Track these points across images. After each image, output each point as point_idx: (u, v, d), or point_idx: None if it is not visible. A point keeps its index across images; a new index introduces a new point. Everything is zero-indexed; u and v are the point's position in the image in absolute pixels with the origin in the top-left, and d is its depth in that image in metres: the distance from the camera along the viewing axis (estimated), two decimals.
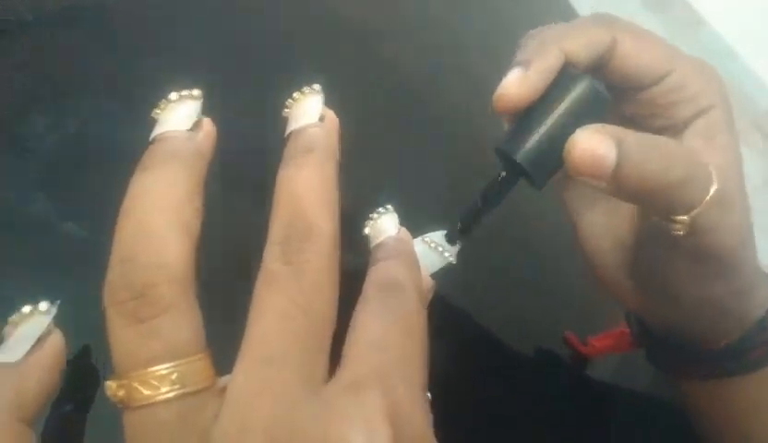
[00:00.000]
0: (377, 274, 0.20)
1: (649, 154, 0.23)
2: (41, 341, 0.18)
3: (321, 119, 0.21)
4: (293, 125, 0.21)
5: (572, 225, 0.31)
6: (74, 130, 0.32)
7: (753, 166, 0.52)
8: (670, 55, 0.27)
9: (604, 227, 0.31)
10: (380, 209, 0.23)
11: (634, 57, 0.26)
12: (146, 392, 0.16)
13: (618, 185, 0.23)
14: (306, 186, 0.18)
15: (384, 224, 0.23)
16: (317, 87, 0.21)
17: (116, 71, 0.35)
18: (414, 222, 0.24)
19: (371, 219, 0.23)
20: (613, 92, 0.29)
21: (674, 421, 0.35)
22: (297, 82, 0.22)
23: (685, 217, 0.24)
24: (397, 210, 0.24)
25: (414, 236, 0.25)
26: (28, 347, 0.17)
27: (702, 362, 0.30)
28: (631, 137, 0.23)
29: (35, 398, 0.17)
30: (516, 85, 0.25)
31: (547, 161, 0.24)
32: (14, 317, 0.18)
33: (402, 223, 0.23)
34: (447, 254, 0.27)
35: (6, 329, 0.18)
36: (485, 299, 0.38)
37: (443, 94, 0.45)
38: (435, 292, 0.24)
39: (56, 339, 0.18)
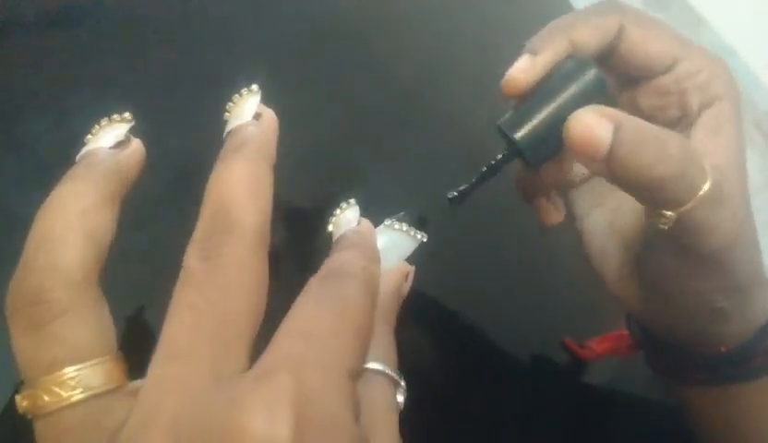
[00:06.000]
0: (324, 266, 0.19)
1: (644, 143, 0.22)
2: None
3: (257, 117, 0.20)
4: (228, 127, 0.21)
5: (578, 225, 0.31)
6: (74, 130, 0.32)
7: (753, 166, 0.52)
8: (680, 44, 0.27)
9: (609, 227, 0.31)
10: (342, 204, 0.23)
11: (642, 45, 0.27)
12: (47, 399, 0.15)
13: (611, 169, 0.23)
14: (231, 182, 0.18)
15: (345, 218, 0.22)
16: (254, 88, 0.21)
17: (116, 71, 0.35)
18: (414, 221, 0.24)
19: (333, 215, 0.22)
20: (625, 81, 0.29)
21: (672, 425, 0.35)
22: (297, 83, 0.21)
23: (671, 212, 0.23)
24: (398, 209, 0.23)
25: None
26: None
27: (702, 367, 0.30)
28: (631, 122, 0.23)
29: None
30: (523, 70, 0.26)
31: (543, 143, 0.25)
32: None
33: (410, 223, 0.23)
34: (417, 234, 0.26)
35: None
36: (483, 302, 0.38)
37: (443, 94, 0.45)
38: (433, 296, 0.23)
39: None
